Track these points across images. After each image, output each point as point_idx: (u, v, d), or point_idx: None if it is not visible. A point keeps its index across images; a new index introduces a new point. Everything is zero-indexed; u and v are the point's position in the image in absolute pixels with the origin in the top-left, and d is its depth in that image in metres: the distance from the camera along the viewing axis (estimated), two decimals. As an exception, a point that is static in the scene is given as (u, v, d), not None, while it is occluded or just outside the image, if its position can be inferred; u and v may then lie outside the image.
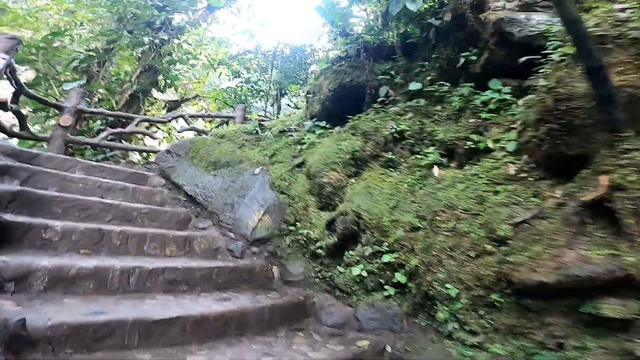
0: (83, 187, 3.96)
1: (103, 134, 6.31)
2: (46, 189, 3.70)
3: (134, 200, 4.28)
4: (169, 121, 7.07)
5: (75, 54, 9.73)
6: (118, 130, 6.63)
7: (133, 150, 7.25)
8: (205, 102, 13.08)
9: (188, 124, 7.26)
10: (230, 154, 4.41)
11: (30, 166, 3.66)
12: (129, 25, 8.93)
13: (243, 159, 4.34)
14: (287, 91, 11.62)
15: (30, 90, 6.13)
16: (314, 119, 4.59)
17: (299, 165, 3.95)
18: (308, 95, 4.99)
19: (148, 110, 11.61)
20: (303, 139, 4.24)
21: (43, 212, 3.28)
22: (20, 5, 9.61)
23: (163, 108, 11.40)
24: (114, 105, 8.93)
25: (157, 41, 8.90)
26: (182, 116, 7.20)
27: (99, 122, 8.82)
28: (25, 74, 11.67)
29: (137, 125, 6.67)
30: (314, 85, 4.73)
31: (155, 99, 11.59)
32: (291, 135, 4.47)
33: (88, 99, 8.99)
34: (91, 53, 9.58)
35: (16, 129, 5.67)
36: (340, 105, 4.22)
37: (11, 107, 5.02)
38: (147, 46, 8.95)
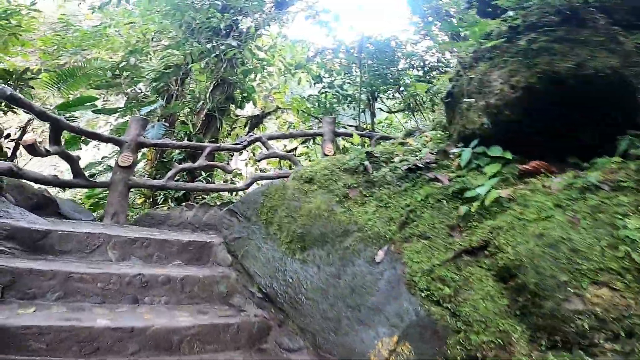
0: (103, 288, 2.47)
1: (170, 173, 5.06)
2: (40, 299, 2.30)
3: (185, 298, 2.71)
4: (244, 148, 5.61)
5: (155, 73, 9.10)
6: (187, 166, 5.36)
7: (203, 190, 5.97)
8: (288, 114, 11.72)
9: (267, 149, 5.71)
10: (325, 218, 2.55)
11: (12, 266, 2.28)
12: (198, 35, 7.86)
13: (349, 228, 2.44)
14: (379, 94, 9.56)
15: (73, 123, 5.14)
16: (472, 143, 2.50)
17: (472, 252, 1.92)
18: (448, 99, 2.90)
19: (232, 129, 10.60)
20: (468, 188, 2.18)
21: (13, 353, 1.87)
22: (85, 22, 9.27)
23: (245, 126, 10.28)
24: (191, 129, 7.92)
25: (223, 47, 7.64)
26: (259, 139, 5.67)
27: (177, 151, 7.89)
28: (117, 100, 11.66)
29: (207, 156, 5.31)
30: (466, 82, 2.62)
31: (236, 116, 10.54)
32: (435, 180, 2.43)
33: (166, 124, 8.15)
34: (166, 70, 8.80)
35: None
36: (547, 118, 2.06)
37: (47, 150, 3.93)
38: (215, 55, 7.76)
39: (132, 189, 5.20)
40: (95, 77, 7.73)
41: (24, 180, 3.92)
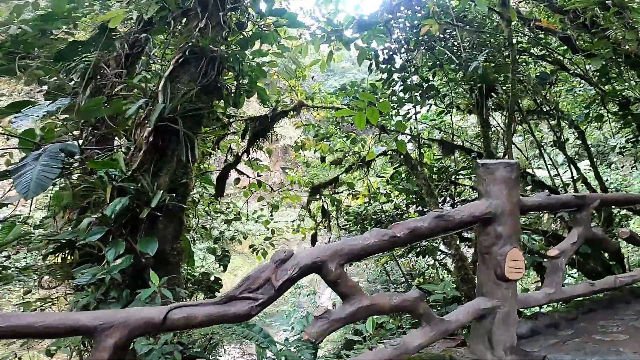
0: None
1: None
2: None
3: None
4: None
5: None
6: None
7: None
8: (309, 111, 7.25)
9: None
10: None
11: None
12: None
13: None
14: (497, 86, 5.12)
15: None
16: None
17: None
18: None
19: (220, 138, 5.95)
20: None
21: None
22: None
23: (243, 136, 5.79)
24: (123, 168, 3.49)
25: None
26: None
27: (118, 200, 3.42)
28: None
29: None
30: None
31: (228, 117, 5.86)
32: None
33: (74, 149, 3.70)
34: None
35: None
36: None
37: None
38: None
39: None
40: None
41: None
